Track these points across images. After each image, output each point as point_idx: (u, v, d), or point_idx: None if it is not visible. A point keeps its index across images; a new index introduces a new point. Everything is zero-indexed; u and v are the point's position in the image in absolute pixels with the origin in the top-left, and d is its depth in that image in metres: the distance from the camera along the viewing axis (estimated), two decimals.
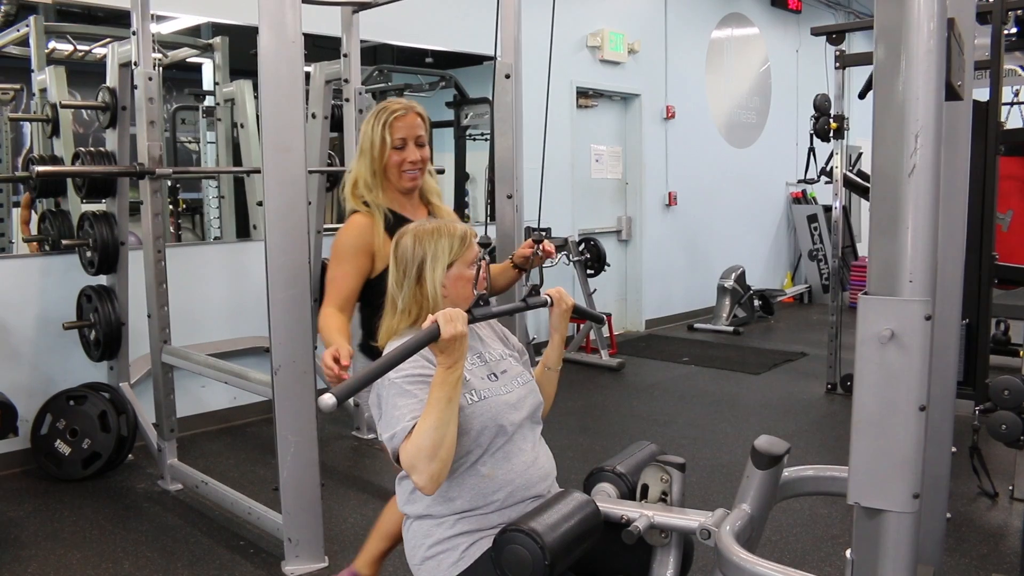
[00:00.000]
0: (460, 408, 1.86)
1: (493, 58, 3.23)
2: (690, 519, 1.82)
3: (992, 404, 3.68)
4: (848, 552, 1.47)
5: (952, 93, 1.56)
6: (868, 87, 5.96)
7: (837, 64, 5.78)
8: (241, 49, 5.59)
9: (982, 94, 4.55)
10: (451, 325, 1.74)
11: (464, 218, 7.17)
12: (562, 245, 6.74)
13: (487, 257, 2.03)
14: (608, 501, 1.92)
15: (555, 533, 1.70)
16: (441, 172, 6.94)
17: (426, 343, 1.74)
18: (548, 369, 2.26)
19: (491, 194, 3.56)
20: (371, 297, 2.45)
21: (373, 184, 2.49)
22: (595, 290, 6.85)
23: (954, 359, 2.00)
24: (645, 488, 1.91)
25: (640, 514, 1.84)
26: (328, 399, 1.58)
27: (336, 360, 2.17)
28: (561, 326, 2.25)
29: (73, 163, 4.22)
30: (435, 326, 1.74)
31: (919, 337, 1.29)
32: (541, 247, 2.43)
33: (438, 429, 1.75)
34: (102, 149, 4.23)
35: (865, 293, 1.36)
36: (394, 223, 2.42)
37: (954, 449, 2.03)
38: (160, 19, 5.06)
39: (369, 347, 2.47)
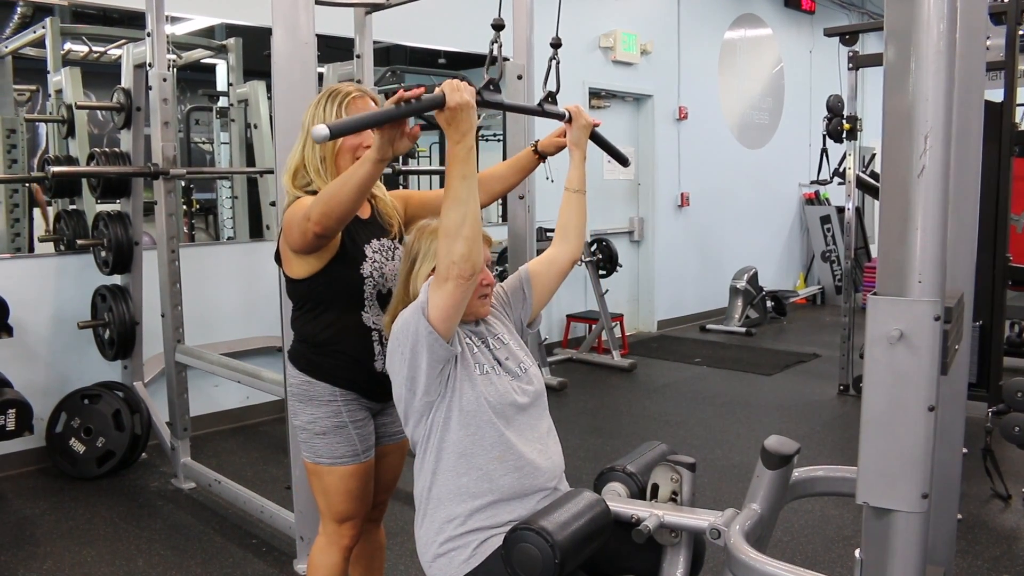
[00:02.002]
0: (469, 379, 1.88)
1: (505, 59, 3.24)
2: (700, 518, 1.82)
3: (1006, 406, 3.66)
4: (857, 552, 1.47)
5: None
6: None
7: (850, 65, 5.76)
8: (255, 50, 5.62)
9: (996, 95, 4.53)
10: (457, 93, 1.71)
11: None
12: None
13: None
14: (618, 500, 1.93)
15: (565, 532, 1.71)
16: None
17: (429, 108, 1.69)
18: (573, 192, 2.23)
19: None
20: (306, 297, 2.26)
21: (323, 170, 2.21)
22: (607, 291, 6.85)
23: (965, 360, 1.99)
24: (655, 488, 1.92)
25: (650, 513, 1.84)
26: (320, 128, 1.55)
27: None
28: (581, 142, 2.22)
29: (88, 163, 4.25)
30: (440, 93, 1.69)
31: (928, 338, 1.29)
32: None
33: (457, 207, 1.75)
34: (117, 150, 4.27)
35: (874, 293, 1.36)
36: None
37: (965, 450, 2.02)
38: (174, 20, 5.09)
39: (301, 353, 2.29)
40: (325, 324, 2.23)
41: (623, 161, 2.61)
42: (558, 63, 2.27)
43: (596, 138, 2.29)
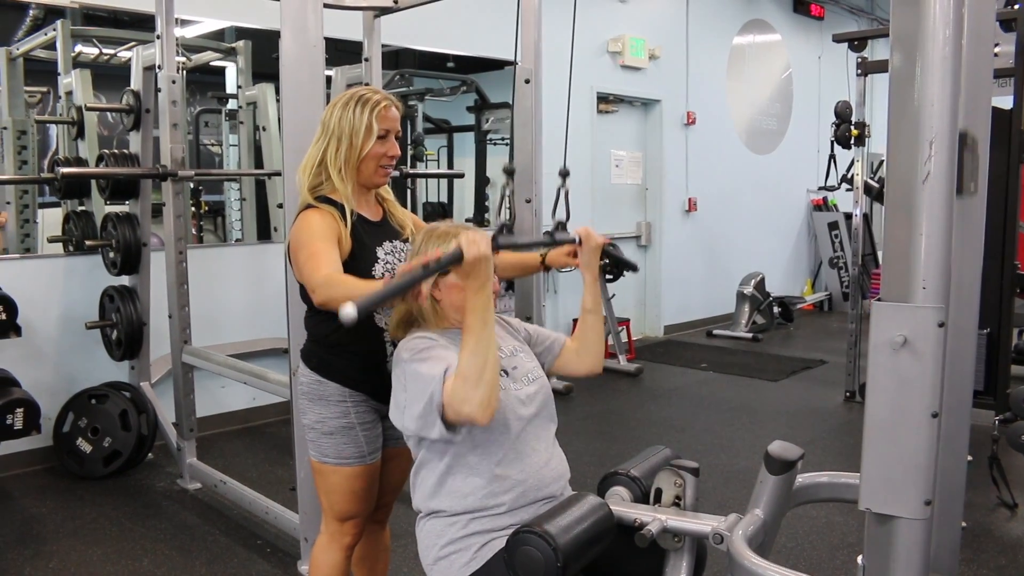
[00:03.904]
0: None
1: (514, 63, 3.25)
2: (703, 523, 1.82)
3: (1012, 414, 3.65)
4: (860, 558, 1.47)
5: (961, 191, 1.58)
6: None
7: (859, 71, 5.75)
8: (264, 53, 5.64)
9: (1005, 102, 4.52)
10: (474, 247, 1.73)
11: (483, 223, 7.18)
12: None
13: (510, 179, 2.00)
14: (621, 504, 1.93)
15: (568, 535, 1.71)
16: (461, 176, 7.00)
17: (448, 265, 1.72)
18: (588, 312, 2.23)
19: (511, 207, 3.57)
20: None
21: (345, 173, 2.21)
22: (614, 295, 6.85)
23: (971, 367, 1.98)
24: (659, 492, 1.92)
25: (653, 518, 1.84)
26: (349, 308, 1.56)
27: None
28: (592, 264, 2.22)
29: (97, 165, 4.27)
30: (458, 249, 1.71)
31: (932, 344, 1.29)
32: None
33: (478, 354, 1.75)
34: (126, 151, 4.29)
35: (878, 299, 1.36)
36: (358, 223, 2.23)
37: (970, 458, 2.01)
38: (184, 23, 5.12)
39: (313, 352, 2.31)
40: (337, 325, 2.22)
41: (633, 269, 2.69)
42: (567, 192, 2.28)
43: (607, 255, 2.31)
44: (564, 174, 2.18)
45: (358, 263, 2.20)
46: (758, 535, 1.78)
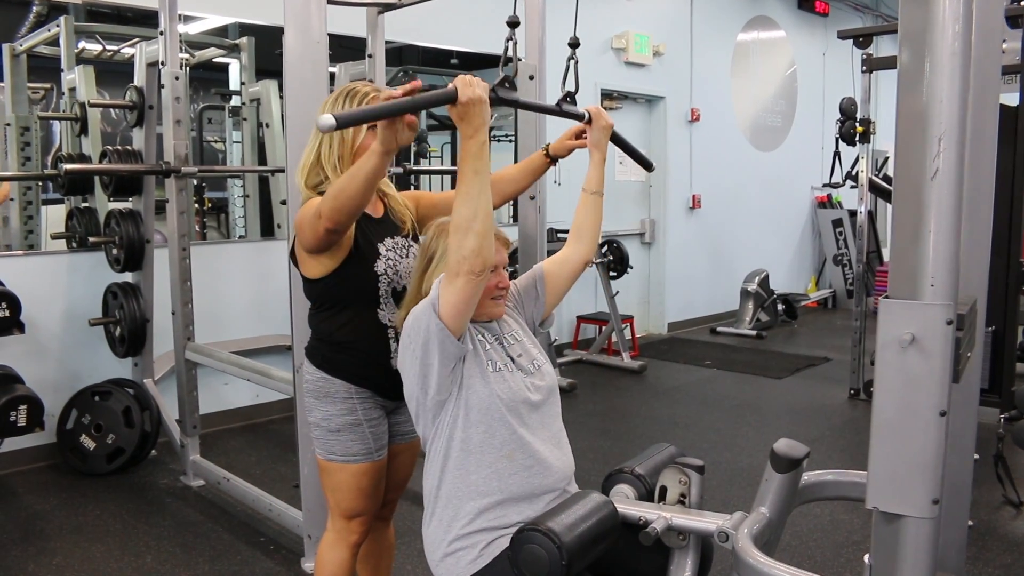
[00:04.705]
0: (482, 375, 1.87)
1: (517, 59, 3.24)
2: (708, 521, 1.82)
3: (1017, 412, 3.63)
4: (866, 557, 1.46)
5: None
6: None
7: (864, 67, 5.73)
8: (267, 49, 5.63)
9: (1012, 99, 4.50)
10: (469, 88, 1.71)
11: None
12: None
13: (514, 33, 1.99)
14: (626, 502, 1.92)
15: (572, 533, 1.70)
16: None
17: (441, 102, 1.69)
18: (591, 193, 2.23)
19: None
20: (322, 296, 2.26)
21: (340, 168, 2.19)
22: (617, 292, 6.84)
23: (978, 365, 1.98)
24: (663, 490, 1.91)
25: (658, 516, 1.83)
26: (327, 118, 1.53)
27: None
28: (601, 143, 2.20)
29: (101, 161, 4.27)
30: (452, 88, 1.68)
31: (940, 342, 1.28)
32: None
33: (468, 202, 1.74)
34: (129, 148, 4.28)
35: (886, 296, 1.35)
36: (359, 220, 2.21)
37: (977, 456, 2.01)
38: (187, 19, 5.11)
39: (318, 350, 2.30)
40: (342, 322, 2.23)
41: (647, 165, 2.58)
42: (576, 62, 2.25)
43: (617, 139, 2.27)
44: (574, 44, 2.15)
45: (361, 259, 2.20)
46: (764, 533, 1.77)
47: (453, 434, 1.88)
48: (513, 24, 2.02)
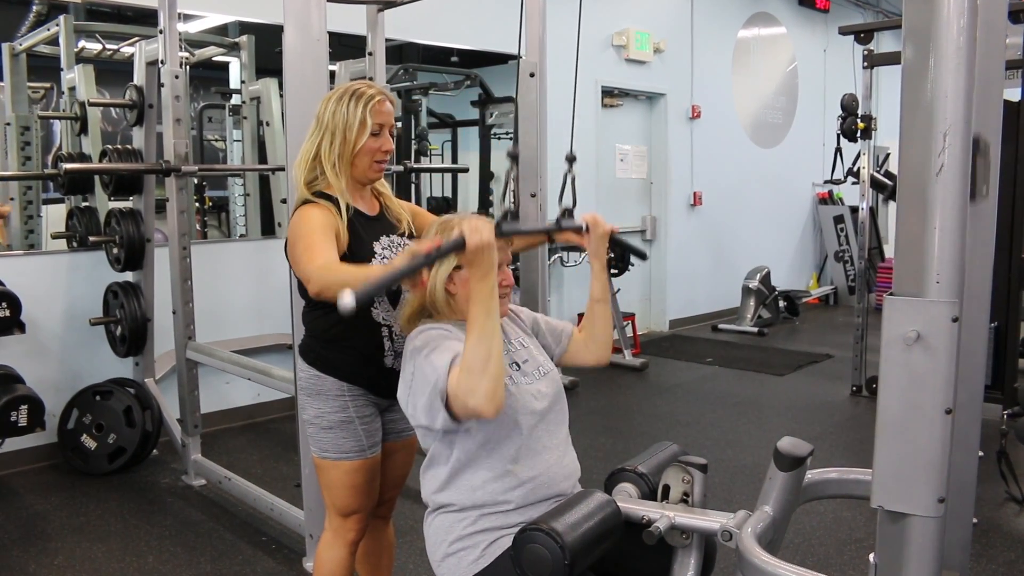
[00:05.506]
0: None
1: (518, 57, 3.23)
2: (711, 520, 1.81)
3: (1020, 408, 3.63)
4: (872, 556, 1.45)
5: (975, 196, 1.55)
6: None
7: (865, 64, 5.72)
8: (267, 48, 5.63)
9: (1014, 94, 4.49)
10: (476, 234, 1.69)
11: (488, 217, 7.16)
12: None
13: (515, 171, 1.97)
14: (629, 501, 1.91)
15: (575, 533, 1.69)
16: (465, 171, 6.99)
17: (450, 252, 1.69)
18: (596, 302, 2.20)
19: (514, 192, 3.55)
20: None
21: (339, 167, 2.20)
22: (619, 289, 6.83)
23: (982, 362, 1.96)
24: (666, 489, 1.90)
25: (661, 515, 1.82)
26: (348, 298, 1.53)
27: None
28: (600, 252, 2.19)
29: (101, 160, 4.26)
30: (460, 236, 1.68)
31: (945, 339, 1.27)
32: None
33: (482, 343, 1.71)
34: (129, 147, 4.27)
35: (891, 293, 1.34)
36: (354, 218, 2.23)
37: (981, 453, 2.00)
38: (187, 18, 5.11)
39: (311, 347, 2.30)
40: (335, 320, 2.22)
41: (642, 256, 2.62)
42: (574, 178, 2.25)
43: (614, 243, 2.27)
44: (571, 159, 2.16)
45: (355, 258, 2.19)
46: (768, 532, 1.76)
47: (455, 442, 1.87)
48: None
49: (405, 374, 1.90)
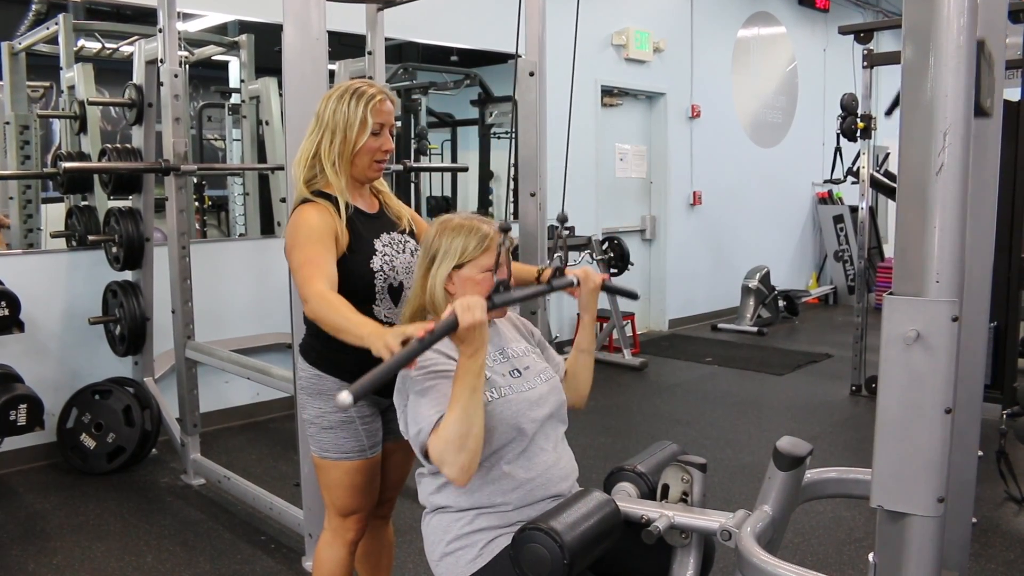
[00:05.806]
0: (486, 406, 1.85)
1: (517, 56, 3.22)
2: (711, 520, 1.81)
3: (1020, 408, 3.63)
4: (871, 556, 1.45)
5: (981, 111, 1.53)
6: (895, 104, 5.91)
7: (865, 63, 5.72)
8: (267, 47, 5.62)
9: (1014, 94, 4.49)
10: (468, 314, 1.70)
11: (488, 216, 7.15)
12: (585, 244, 6.73)
13: (508, 242, 1.97)
14: (628, 501, 1.91)
15: (574, 532, 1.69)
16: (464, 170, 6.98)
17: (444, 335, 1.70)
18: (581, 352, 2.21)
19: (514, 192, 3.55)
20: None
21: (340, 167, 2.20)
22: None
23: (981, 362, 1.97)
24: (665, 488, 1.90)
25: (660, 514, 1.82)
26: (345, 396, 1.55)
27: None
28: (590, 306, 2.20)
29: (100, 159, 4.25)
30: (452, 316, 1.70)
31: (945, 338, 1.27)
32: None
33: (463, 420, 1.73)
34: (128, 146, 4.27)
35: (890, 293, 1.34)
36: (354, 216, 2.23)
37: (980, 453, 2.00)
38: (187, 17, 5.10)
39: (312, 347, 2.30)
40: None
41: (634, 297, 2.64)
42: (564, 240, 2.25)
43: (607, 290, 2.29)
44: (562, 220, 2.14)
45: (356, 256, 2.18)
46: (767, 532, 1.76)
47: None
48: (505, 230, 1.96)
49: (400, 396, 1.92)
